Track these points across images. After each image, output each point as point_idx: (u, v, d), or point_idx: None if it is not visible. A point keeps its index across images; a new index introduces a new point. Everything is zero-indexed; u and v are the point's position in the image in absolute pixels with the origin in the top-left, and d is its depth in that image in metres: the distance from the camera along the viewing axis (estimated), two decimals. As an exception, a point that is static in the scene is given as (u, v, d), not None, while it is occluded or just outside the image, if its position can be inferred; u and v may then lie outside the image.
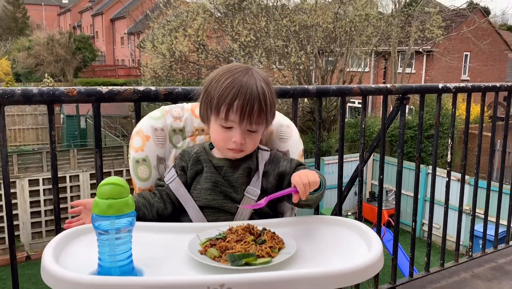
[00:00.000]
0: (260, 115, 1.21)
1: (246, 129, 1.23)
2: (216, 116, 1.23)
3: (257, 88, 1.20)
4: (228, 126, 1.22)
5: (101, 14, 42.57)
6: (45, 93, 1.51)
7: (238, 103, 1.19)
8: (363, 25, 13.42)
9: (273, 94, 1.26)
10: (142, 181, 1.34)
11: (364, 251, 0.98)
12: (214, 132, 1.26)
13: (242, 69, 1.23)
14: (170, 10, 15.85)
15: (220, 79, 1.22)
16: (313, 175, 1.12)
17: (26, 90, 1.50)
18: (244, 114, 1.19)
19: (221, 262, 0.94)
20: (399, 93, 2.36)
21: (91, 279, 0.83)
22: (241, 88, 1.19)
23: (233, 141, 1.23)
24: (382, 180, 2.43)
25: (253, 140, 1.26)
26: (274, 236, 1.03)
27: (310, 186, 1.10)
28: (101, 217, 0.86)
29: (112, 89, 1.62)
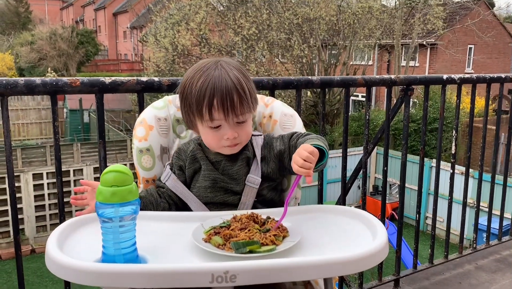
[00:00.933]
0: (243, 104, 1.19)
1: (234, 123, 1.21)
2: (201, 119, 1.20)
3: (231, 79, 1.18)
4: (216, 126, 1.20)
5: (103, 8, 42.52)
6: (48, 84, 1.51)
7: (218, 100, 1.16)
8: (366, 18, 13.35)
9: (248, 79, 1.23)
10: (146, 170, 1.33)
11: (369, 239, 0.97)
12: (205, 136, 1.24)
13: (211, 65, 1.20)
14: (173, 4, 15.80)
15: (193, 81, 1.19)
16: (304, 150, 1.06)
17: (29, 81, 1.49)
18: (227, 109, 1.17)
19: (225, 249, 0.93)
20: (403, 85, 2.35)
21: (94, 266, 0.83)
22: (215, 84, 1.16)
23: (226, 139, 1.21)
24: (386, 172, 2.42)
25: (245, 130, 1.24)
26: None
27: (308, 162, 1.05)
28: (105, 204, 0.86)
29: (115, 80, 1.62)
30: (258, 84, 1.87)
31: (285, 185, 1.37)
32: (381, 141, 2.69)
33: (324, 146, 1.12)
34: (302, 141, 1.19)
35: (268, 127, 1.40)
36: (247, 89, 1.20)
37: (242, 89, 1.18)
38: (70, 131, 16.97)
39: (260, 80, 1.88)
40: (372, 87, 2.28)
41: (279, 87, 1.95)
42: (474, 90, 2.69)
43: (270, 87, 1.90)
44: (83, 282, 0.82)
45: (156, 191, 1.29)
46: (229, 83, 1.17)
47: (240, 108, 1.18)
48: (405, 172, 2.47)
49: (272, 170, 1.27)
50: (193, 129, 1.28)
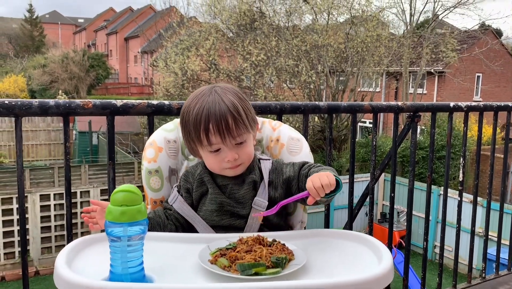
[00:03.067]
0: (238, 126, 1.21)
1: (233, 145, 1.23)
2: (201, 145, 1.24)
3: (224, 103, 1.21)
4: (216, 150, 1.23)
5: (115, 33, 43.37)
6: (61, 106, 1.55)
7: (213, 125, 1.19)
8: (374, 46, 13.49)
9: (243, 100, 1.25)
10: (154, 192, 1.35)
11: (374, 264, 0.97)
12: (207, 160, 1.27)
13: (206, 91, 1.24)
14: (183, 30, 16.10)
15: (189, 109, 1.23)
16: (326, 177, 1.09)
17: (43, 102, 1.53)
18: (223, 132, 1.19)
19: (231, 271, 0.94)
20: (410, 111, 2.37)
21: (102, 284, 0.84)
22: (210, 110, 1.20)
23: (227, 161, 1.23)
24: (393, 198, 2.42)
25: (245, 151, 1.25)
26: (284, 248, 1.03)
27: (323, 188, 1.08)
28: (114, 223, 0.87)
29: (126, 102, 1.66)
30: (266, 108, 1.90)
31: (291, 209, 1.38)
32: (389, 168, 2.69)
33: (340, 179, 1.14)
34: (315, 171, 1.20)
35: (275, 151, 1.41)
36: (242, 111, 1.22)
37: (236, 111, 1.21)
38: (78, 153, 17.08)
39: (267, 105, 1.91)
40: (379, 113, 2.30)
41: (287, 112, 1.98)
42: (481, 118, 2.70)
43: (277, 112, 1.92)
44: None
45: (164, 212, 1.31)
46: (222, 107, 1.20)
47: (236, 130, 1.21)
48: (412, 198, 2.46)
49: (279, 195, 1.28)
50: (197, 155, 1.31)
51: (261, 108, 1.87)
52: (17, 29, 47.88)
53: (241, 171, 1.27)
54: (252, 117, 1.27)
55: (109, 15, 51.89)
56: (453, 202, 4.08)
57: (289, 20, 14.22)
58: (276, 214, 1.29)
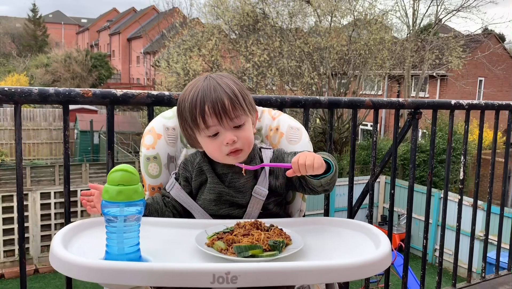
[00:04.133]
0: (235, 107, 1.20)
1: (231, 127, 1.22)
2: (198, 130, 1.23)
3: (220, 85, 1.21)
4: (214, 134, 1.22)
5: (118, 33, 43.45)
6: (61, 94, 1.55)
7: (209, 106, 1.19)
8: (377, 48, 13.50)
9: (240, 85, 1.25)
10: (152, 178, 1.35)
11: (372, 249, 0.97)
12: (206, 147, 1.26)
13: (201, 78, 1.25)
14: (186, 30, 16.12)
15: (185, 97, 1.24)
16: (313, 158, 1.08)
17: (43, 90, 1.53)
18: (219, 113, 1.19)
19: (228, 254, 0.93)
20: (411, 108, 2.36)
21: (97, 263, 0.83)
22: (205, 92, 1.20)
23: (226, 144, 1.22)
24: (393, 195, 2.41)
25: (244, 134, 1.24)
26: (282, 232, 1.03)
27: (306, 168, 1.08)
28: (110, 203, 0.87)
29: (126, 92, 1.66)
30: (266, 102, 1.89)
31: (290, 197, 1.37)
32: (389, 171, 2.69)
33: (332, 161, 1.14)
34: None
35: (275, 140, 1.41)
36: (238, 93, 1.22)
37: (232, 93, 1.21)
38: (79, 152, 17.12)
39: (268, 98, 1.91)
40: (380, 109, 2.29)
41: (287, 105, 1.97)
42: (483, 117, 2.69)
43: (278, 105, 1.92)
44: (86, 279, 0.82)
45: (162, 199, 1.30)
46: (217, 89, 1.20)
47: (233, 111, 1.20)
48: (412, 195, 2.46)
49: (280, 185, 1.28)
50: (196, 145, 1.30)
51: (261, 101, 1.87)
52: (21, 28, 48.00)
53: (243, 158, 1.26)
54: (250, 101, 1.27)
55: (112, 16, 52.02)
56: (453, 205, 4.07)
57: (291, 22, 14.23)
58: (276, 204, 1.28)
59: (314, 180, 1.13)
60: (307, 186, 1.22)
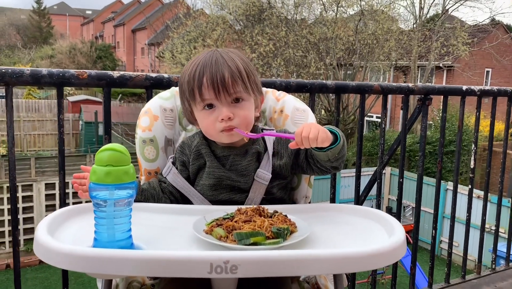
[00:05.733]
0: (236, 82, 1.12)
1: (229, 103, 1.14)
2: (194, 103, 1.15)
3: (223, 58, 1.13)
4: (208, 105, 1.14)
5: (123, 24, 43.31)
6: (55, 75, 1.48)
7: (207, 77, 1.11)
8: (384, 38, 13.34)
9: (247, 63, 1.18)
10: (148, 162, 1.27)
11: (384, 237, 0.89)
12: (201, 122, 1.18)
13: (206, 52, 1.18)
14: (190, 21, 16.00)
15: (186, 69, 1.17)
16: (317, 131, 1.00)
17: (35, 71, 1.46)
18: (217, 85, 1.11)
19: (228, 242, 0.86)
20: (421, 94, 2.28)
21: (84, 251, 0.76)
22: (206, 63, 1.12)
23: (221, 120, 1.14)
24: (402, 184, 2.33)
25: (242, 112, 1.15)
26: (286, 219, 0.95)
27: (309, 141, 1.00)
28: (98, 185, 0.80)
29: (123, 74, 1.58)
30: (271, 85, 1.81)
31: (295, 183, 1.30)
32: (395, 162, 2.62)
33: (338, 132, 1.06)
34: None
35: (279, 123, 1.33)
36: (242, 69, 1.14)
37: (235, 67, 1.13)
38: (84, 143, 17.16)
39: (272, 82, 1.83)
40: (389, 95, 2.21)
41: (292, 90, 1.89)
42: (495, 103, 2.60)
43: (282, 89, 1.83)
44: (72, 268, 0.75)
45: (159, 184, 1.23)
46: (220, 61, 1.12)
47: (233, 86, 1.12)
48: (421, 185, 2.38)
49: (285, 165, 1.19)
50: (193, 121, 1.23)
51: (265, 84, 1.78)
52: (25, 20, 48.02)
53: (237, 138, 1.18)
54: (255, 80, 1.18)
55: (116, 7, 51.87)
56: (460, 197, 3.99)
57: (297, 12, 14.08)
58: (280, 188, 1.21)
59: (320, 152, 1.05)
60: (314, 164, 1.14)
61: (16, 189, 1.48)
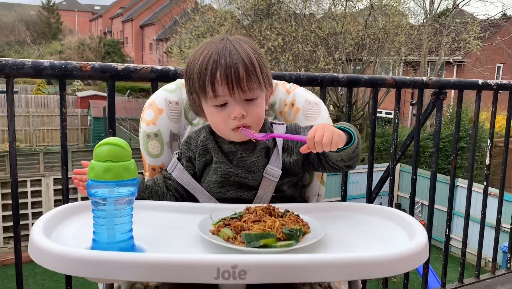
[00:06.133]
0: (250, 78, 1.05)
1: (242, 100, 1.07)
2: (205, 98, 1.08)
3: (237, 51, 1.06)
4: (221, 104, 1.07)
5: (131, 20, 43.32)
6: (57, 67, 1.42)
7: (221, 73, 1.04)
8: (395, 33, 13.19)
9: (259, 54, 1.11)
10: (152, 157, 1.21)
11: (405, 240, 0.82)
12: (212, 117, 1.11)
13: (216, 39, 1.10)
14: (198, 16, 15.94)
15: (195, 58, 1.09)
16: (331, 135, 0.93)
17: (37, 63, 1.41)
18: (231, 81, 1.04)
19: (236, 243, 0.80)
20: (435, 88, 2.21)
21: (81, 253, 0.70)
22: (219, 55, 1.04)
23: (233, 118, 1.07)
24: (415, 180, 2.27)
25: (255, 110, 1.09)
26: (298, 219, 0.89)
27: (322, 146, 0.94)
28: (97, 182, 0.74)
29: (128, 66, 1.53)
30: (280, 79, 1.75)
31: (307, 180, 1.23)
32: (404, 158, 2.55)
33: (353, 131, 1.00)
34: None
35: (290, 116, 1.26)
36: (256, 63, 1.07)
37: (249, 62, 1.05)
38: (93, 138, 17.20)
39: (282, 75, 1.77)
40: (402, 88, 2.14)
41: (302, 83, 1.83)
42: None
43: (292, 82, 1.78)
44: (69, 272, 0.70)
45: (163, 181, 1.17)
46: (234, 54, 1.05)
47: (248, 83, 1.05)
48: (435, 182, 2.31)
49: (295, 162, 1.13)
50: (200, 114, 1.16)
51: (275, 77, 1.72)
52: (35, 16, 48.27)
53: (248, 137, 1.12)
54: (267, 74, 1.11)
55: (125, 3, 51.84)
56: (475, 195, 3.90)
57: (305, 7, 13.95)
58: (291, 186, 1.15)
59: (333, 153, 0.99)
60: (326, 162, 1.08)
61: (17, 185, 1.44)
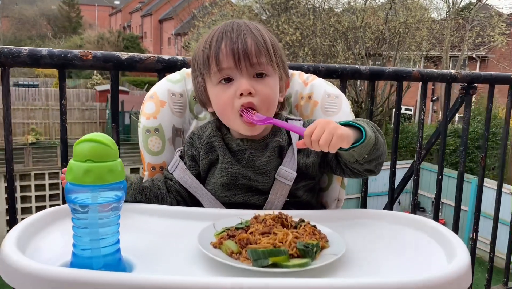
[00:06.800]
0: (260, 51, 0.94)
1: (250, 76, 0.96)
2: (209, 75, 0.98)
3: (247, 25, 0.97)
4: (226, 78, 0.96)
5: (150, 15, 43.48)
6: (56, 56, 1.32)
7: (227, 43, 0.93)
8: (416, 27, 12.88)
9: (272, 35, 1.01)
10: (152, 155, 1.09)
11: (441, 259, 0.69)
12: (216, 100, 1.00)
13: (226, 22, 1.01)
14: (216, 10, 15.85)
15: (202, 41, 1.00)
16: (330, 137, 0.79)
17: (34, 51, 1.31)
18: (237, 51, 0.93)
19: (240, 260, 0.68)
20: (465, 82, 2.06)
21: (56, 272, 0.59)
22: (226, 29, 0.95)
23: (239, 95, 0.95)
24: (441, 181, 2.12)
25: (265, 90, 0.96)
26: (315, 231, 0.76)
27: (318, 146, 0.81)
28: (76, 186, 0.63)
29: (132, 55, 1.42)
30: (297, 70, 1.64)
31: (325, 183, 1.10)
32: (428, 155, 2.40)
33: (364, 127, 0.86)
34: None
35: (307, 111, 1.13)
36: (268, 39, 0.96)
37: (260, 35, 0.95)
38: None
39: (299, 66, 1.65)
40: (429, 82, 1.99)
41: (321, 75, 1.69)
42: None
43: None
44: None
45: (164, 182, 1.05)
46: (242, 28, 0.95)
47: (256, 55, 0.94)
48: (462, 182, 2.17)
49: (312, 164, 1.00)
50: (206, 102, 1.05)
51: (291, 68, 1.61)
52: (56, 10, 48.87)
53: (258, 131, 0.99)
54: (281, 56, 1.00)
55: (144, -3, 52.06)
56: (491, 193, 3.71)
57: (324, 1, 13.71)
58: (307, 190, 1.02)
59: (343, 152, 0.86)
60: (345, 165, 0.95)
61: (13, 182, 1.34)
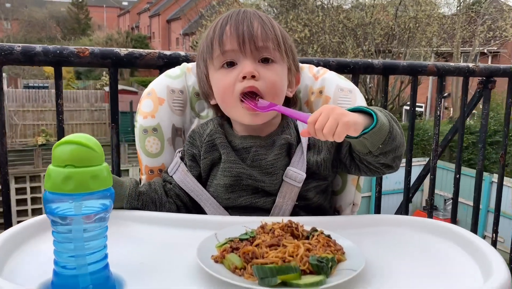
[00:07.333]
0: (267, 35, 0.89)
1: (255, 60, 0.89)
2: (211, 59, 0.92)
3: (255, 11, 0.93)
4: (229, 62, 0.90)
5: (158, 15, 43.58)
6: (51, 53, 1.25)
7: (231, 25, 0.89)
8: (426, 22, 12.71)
9: (282, 28, 0.96)
10: (150, 157, 1.01)
11: (477, 277, 0.60)
12: (217, 84, 0.93)
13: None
14: (223, 8, 15.79)
15: (208, 28, 0.97)
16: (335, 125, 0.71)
17: (28, 48, 1.24)
18: (242, 34, 0.87)
19: (245, 276, 0.60)
20: (483, 76, 1.96)
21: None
22: (231, 15, 0.91)
23: (242, 78, 0.88)
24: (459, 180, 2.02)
25: (271, 75, 0.89)
26: (330, 242, 0.67)
27: (323, 135, 0.73)
28: (55, 195, 0.55)
29: (132, 51, 1.35)
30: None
31: (338, 186, 1.02)
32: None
33: (375, 112, 0.77)
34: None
35: (318, 107, 1.05)
36: (277, 27, 0.91)
37: (268, 20, 0.91)
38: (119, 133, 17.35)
39: (309, 60, 1.56)
40: (445, 76, 1.89)
41: (332, 69, 1.61)
42: None
43: (321, 69, 1.57)
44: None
45: (162, 186, 0.97)
46: (249, 13, 0.90)
47: (262, 38, 0.88)
48: (481, 181, 2.07)
49: (324, 162, 0.92)
50: (208, 91, 0.98)
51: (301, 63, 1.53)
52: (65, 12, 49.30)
53: (262, 120, 0.91)
54: (290, 46, 0.94)
55: (152, -2, 52.20)
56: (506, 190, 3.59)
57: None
58: (318, 192, 0.93)
59: (354, 140, 0.77)
60: (360, 160, 0.86)
61: (8, 186, 1.27)
